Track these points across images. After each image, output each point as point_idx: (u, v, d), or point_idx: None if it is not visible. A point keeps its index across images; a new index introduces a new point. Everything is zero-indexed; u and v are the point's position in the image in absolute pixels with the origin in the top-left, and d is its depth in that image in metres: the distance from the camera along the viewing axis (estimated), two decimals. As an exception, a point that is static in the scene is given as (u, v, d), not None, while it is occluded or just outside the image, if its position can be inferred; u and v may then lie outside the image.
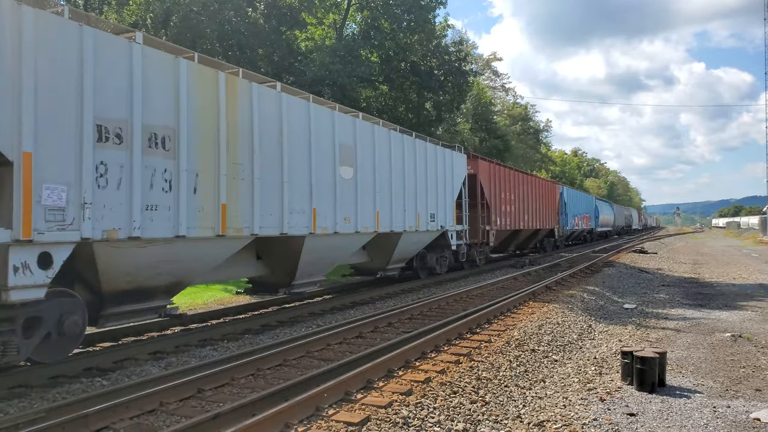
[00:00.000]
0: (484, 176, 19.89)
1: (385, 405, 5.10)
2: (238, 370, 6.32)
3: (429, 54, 27.59)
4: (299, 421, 4.74)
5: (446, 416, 5.06)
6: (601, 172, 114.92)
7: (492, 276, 17.25)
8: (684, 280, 18.06)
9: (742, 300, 13.36)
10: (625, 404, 5.64)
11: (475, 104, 42.26)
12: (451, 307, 11.15)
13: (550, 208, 29.24)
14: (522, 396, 5.92)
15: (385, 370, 6.22)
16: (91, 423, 4.71)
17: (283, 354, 7.04)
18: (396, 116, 26.21)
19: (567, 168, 79.86)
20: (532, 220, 25.75)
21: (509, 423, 5.11)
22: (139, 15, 22.04)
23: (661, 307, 12.49)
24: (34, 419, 4.68)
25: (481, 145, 40.03)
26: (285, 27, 24.51)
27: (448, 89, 27.66)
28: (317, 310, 10.97)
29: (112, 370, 6.77)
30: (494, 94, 52.25)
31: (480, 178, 19.48)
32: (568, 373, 6.95)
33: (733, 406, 5.60)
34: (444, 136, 30.23)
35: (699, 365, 7.30)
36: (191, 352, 7.77)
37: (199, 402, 5.49)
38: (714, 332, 9.48)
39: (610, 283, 16.29)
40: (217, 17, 21.82)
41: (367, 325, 8.99)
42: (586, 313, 11.15)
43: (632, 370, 6.22)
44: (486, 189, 19.98)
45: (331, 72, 21.91)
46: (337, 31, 27.05)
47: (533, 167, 57.01)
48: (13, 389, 5.90)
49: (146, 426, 4.90)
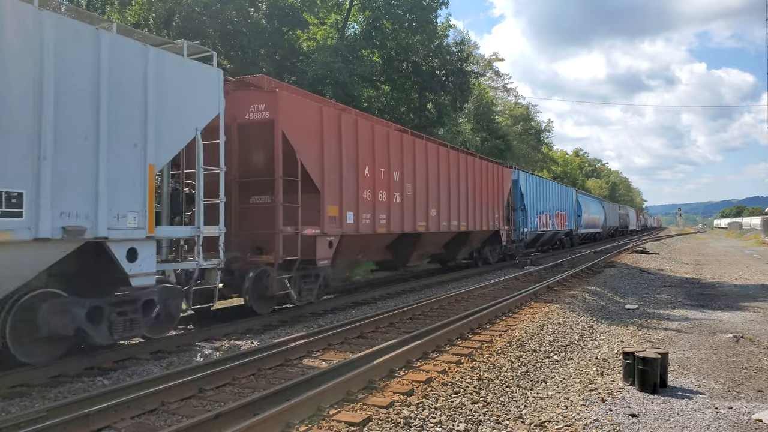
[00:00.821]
0: (292, 123, 10.05)
1: (386, 405, 5.10)
2: (240, 369, 6.32)
3: (431, 54, 27.57)
4: (300, 420, 4.74)
5: (448, 416, 5.05)
6: (603, 172, 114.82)
7: (494, 276, 17.23)
8: (686, 281, 18.03)
9: (744, 301, 13.33)
10: (626, 405, 5.63)
11: (477, 104, 42.26)
12: (452, 307, 11.14)
13: (492, 200, 19.84)
14: (523, 396, 5.92)
15: (386, 370, 6.21)
16: (92, 422, 4.71)
17: (284, 354, 7.04)
18: (397, 117, 26.21)
19: (569, 168, 79.80)
20: (447, 217, 15.95)
21: (511, 423, 5.10)
22: (141, 15, 22.06)
23: (663, 307, 12.47)
24: (35, 418, 4.68)
25: (482, 145, 40.02)
26: (287, 27, 24.50)
27: (449, 90, 27.65)
28: (319, 310, 10.96)
29: (113, 370, 6.77)
30: (496, 95, 52.23)
31: (283, 127, 9.81)
32: (569, 374, 6.93)
33: (735, 407, 5.58)
34: (445, 137, 30.22)
35: (701, 366, 7.28)
36: (192, 351, 7.77)
37: (200, 401, 5.49)
38: (716, 333, 9.46)
39: (612, 283, 16.28)
40: (219, 17, 21.83)
41: (368, 325, 8.99)
42: (587, 313, 11.14)
43: (634, 371, 6.21)
44: (305, 153, 10.30)
45: (332, 71, 21.92)
46: (338, 31, 27.07)
47: (535, 167, 56.96)
48: (14, 388, 5.91)
49: (148, 425, 4.90)
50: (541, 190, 27.11)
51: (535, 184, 26.46)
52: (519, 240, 23.61)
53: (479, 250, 20.46)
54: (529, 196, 24.72)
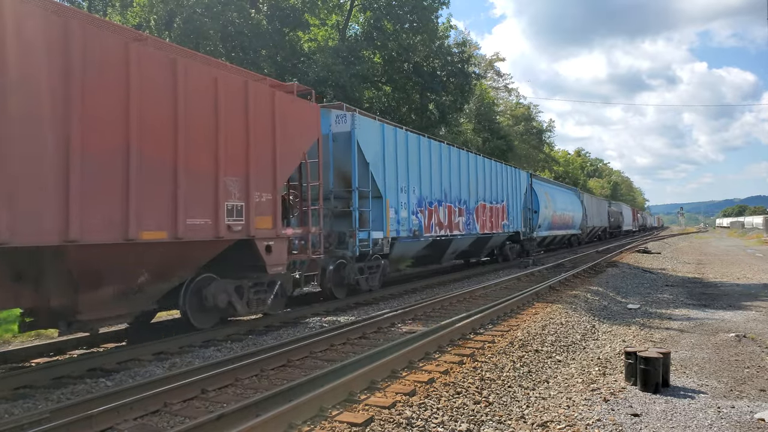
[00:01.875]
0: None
1: (388, 405, 5.10)
2: (242, 370, 6.34)
3: (432, 55, 27.60)
4: (303, 421, 4.75)
5: (450, 417, 5.06)
6: (605, 172, 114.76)
7: (495, 276, 17.23)
8: (688, 280, 18.01)
9: (747, 300, 13.32)
10: (628, 405, 5.63)
11: (478, 105, 42.26)
12: (454, 307, 11.15)
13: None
14: (526, 396, 5.92)
15: (388, 370, 6.22)
16: (95, 424, 4.73)
17: (286, 355, 7.05)
18: (399, 117, 26.22)
19: (570, 168, 79.78)
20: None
21: (513, 423, 5.11)
22: (142, 17, 22.11)
23: (665, 307, 12.45)
24: (38, 420, 4.70)
25: (484, 145, 40.02)
26: (288, 28, 24.55)
27: (450, 90, 27.66)
28: (321, 311, 10.98)
29: (116, 371, 6.79)
30: (497, 95, 52.24)
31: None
32: (571, 374, 6.93)
33: (737, 407, 5.58)
34: (447, 137, 30.22)
35: (703, 365, 7.28)
36: (195, 352, 7.79)
37: (203, 402, 5.50)
38: (718, 332, 9.45)
39: (614, 283, 16.26)
40: (220, 19, 21.87)
41: (370, 326, 9.00)
42: (589, 313, 11.13)
43: (636, 371, 6.21)
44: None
45: (333, 72, 21.94)
46: (339, 32, 27.10)
47: (536, 167, 56.93)
48: (17, 390, 5.93)
49: (150, 426, 4.91)
50: (420, 160, 15.50)
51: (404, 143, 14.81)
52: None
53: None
54: (390, 173, 13.87)
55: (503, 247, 22.95)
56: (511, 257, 23.20)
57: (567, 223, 31.74)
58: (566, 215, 31.26)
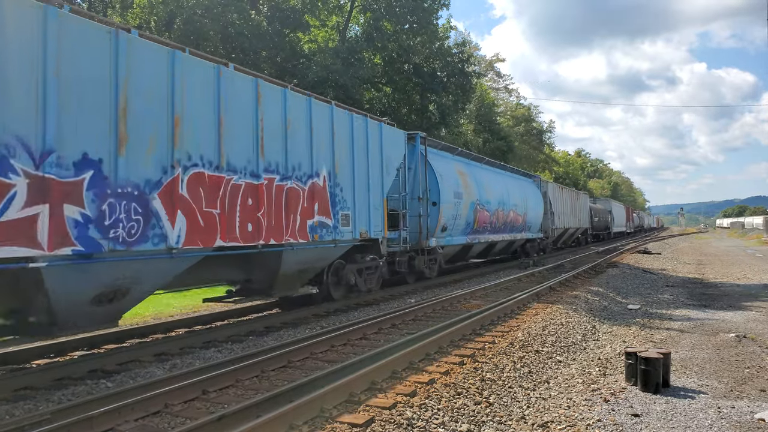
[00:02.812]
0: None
1: (389, 406, 5.11)
2: (243, 371, 6.34)
3: (432, 56, 27.60)
4: (304, 422, 4.75)
5: (450, 417, 5.06)
6: (605, 172, 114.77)
7: (496, 277, 17.23)
8: (688, 281, 18.01)
9: (747, 300, 13.32)
10: (629, 405, 5.64)
11: (479, 105, 42.26)
12: (454, 308, 11.15)
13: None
14: (526, 397, 5.92)
15: (389, 371, 6.22)
16: (96, 425, 4.73)
17: (287, 355, 7.06)
18: (399, 118, 26.23)
19: (571, 169, 79.78)
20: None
21: (513, 424, 5.11)
22: (142, 18, 22.12)
23: (665, 307, 12.46)
24: (39, 421, 4.70)
25: (484, 146, 40.01)
26: (288, 29, 24.55)
27: (451, 91, 27.66)
28: (321, 312, 10.99)
29: (117, 372, 6.80)
30: (497, 96, 52.25)
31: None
32: (572, 374, 6.94)
33: (737, 407, 5.59)
34: (447, 138, 30.23)
35: (703, 366, 7.28)
36: (196, 353, 7.80)
37: (203, 403, 5.50)
38: (718, 333, 9.46)
39: (614, 283, 16.27)
40: (220, 20, 21.87)
41: (371, 327, 9.00)
42: (590, 313, 11.13)
43: (636, 371, 6.21)
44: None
45: (333, 73, 21.95)
46: (340, 33, 27.11)
47: (537, 168, 56.92)
48: (18, 391, 5.94)
49: (151, 427, 4.92)
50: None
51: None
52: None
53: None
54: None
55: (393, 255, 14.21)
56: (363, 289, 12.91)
57: (513, 224, 22.42)
58: (510, 212, 21.93)
